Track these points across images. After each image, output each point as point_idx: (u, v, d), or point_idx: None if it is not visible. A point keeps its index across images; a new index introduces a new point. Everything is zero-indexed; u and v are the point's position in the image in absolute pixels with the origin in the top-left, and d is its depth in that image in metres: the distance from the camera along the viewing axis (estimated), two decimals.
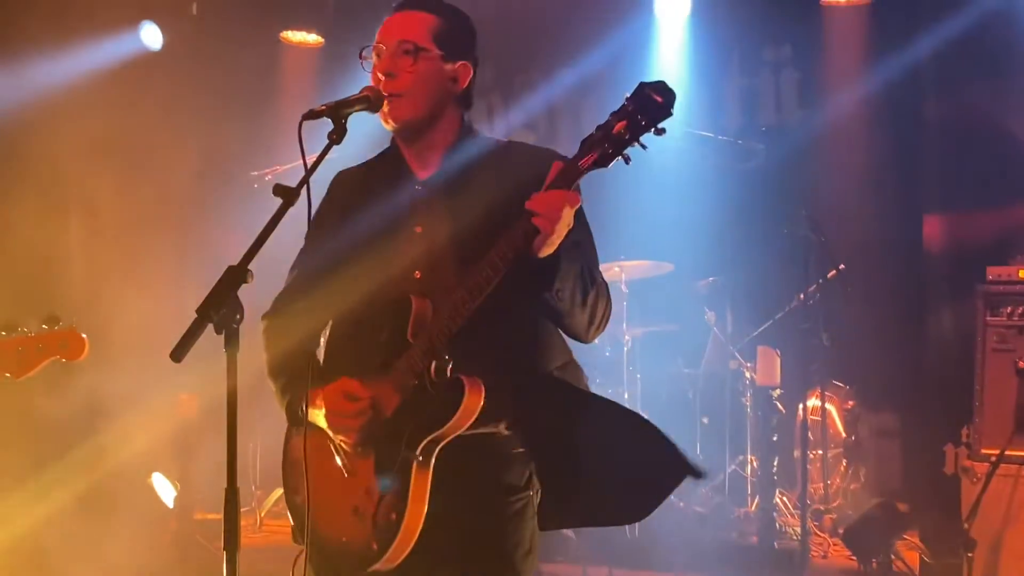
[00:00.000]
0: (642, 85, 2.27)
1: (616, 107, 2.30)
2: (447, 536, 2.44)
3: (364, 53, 2.56)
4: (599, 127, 2.31)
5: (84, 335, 3.27)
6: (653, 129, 2.26)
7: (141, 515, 5.86)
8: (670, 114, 2.25)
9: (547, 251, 2.33)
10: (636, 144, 2.28)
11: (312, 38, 7.19)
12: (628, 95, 2.29)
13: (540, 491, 2.54)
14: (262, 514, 6.10)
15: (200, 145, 6.55)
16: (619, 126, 2.26)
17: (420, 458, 2.40)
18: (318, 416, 2.48)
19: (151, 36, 6.65)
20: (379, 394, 2.45)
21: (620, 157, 2.29)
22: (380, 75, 2.50)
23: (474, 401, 2.39)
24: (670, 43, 6.80)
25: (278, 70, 6.96)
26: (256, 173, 5.91)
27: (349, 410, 2.44)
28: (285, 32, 7.11)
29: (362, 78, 2.57)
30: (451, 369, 2.40)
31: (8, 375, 3.20)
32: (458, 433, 2.41)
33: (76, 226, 6.38)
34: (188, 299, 2.19)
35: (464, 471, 2.44)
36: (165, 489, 5.96)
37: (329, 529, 2.48)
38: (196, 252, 5.77)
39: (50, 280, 5.56)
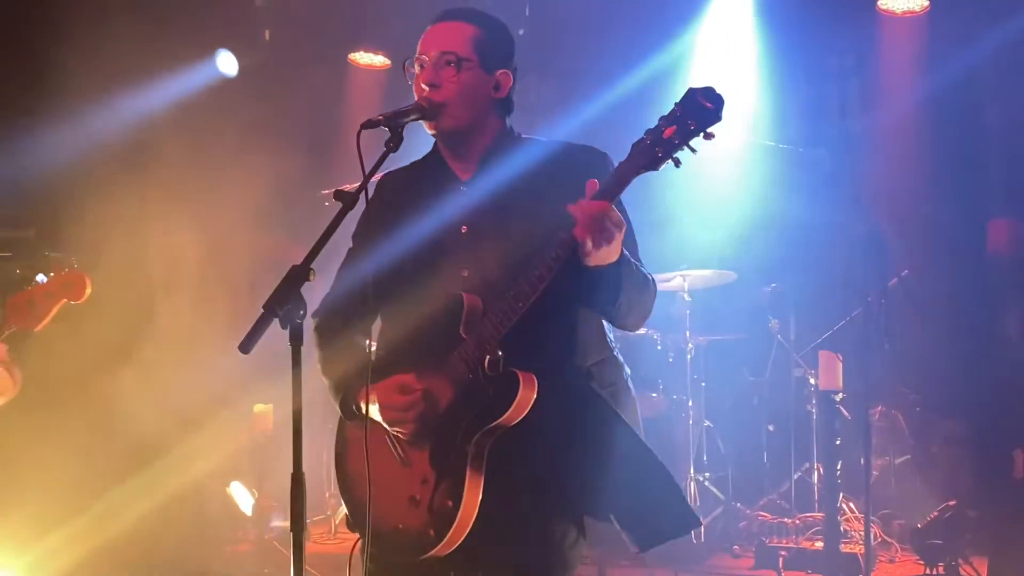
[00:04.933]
0: (691, 91, 2.32)
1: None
2: (498, 524, 2.52)
3: (407, 64, 2.64)
4: (648, 131, 2.36)
5: (85, 274, 3.29)
6: (702, 134, 2.32)
7: (221, 522, 6.07)
8: (719, 119, 2.30)
9: (597, 260, 2.39)
10: (686, 148, 2.34)
11: (379, 60, 7.41)
12: (678, 101, 2.35)
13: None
14: (336, 521, 6.24)
15: (274, 165, 6.80)
16: (669, 131, 2.31)
17: (474, 448, 2.50)
18: (373, 410, 2.58)
19: (227, 63, 6.91)
20: (433, 387, 2.54)
21: (670, 160, 2.35)
22: (424, 85, 2.58)
23: (527, 394, 2.47)
24: (734, 55, 6.85)
25: (346, 92, 7.17)
26: (325, 192, 6.11)
27: (402, 403, 2.53)
28: (353, 55, 7.33)
29: None
30: (503, 363, 2.50)
31: (26, 328, 3.26)
32: (511, 424, 2.52)
33: (158, 244, 6.66)
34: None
35: (515, 461, 2.53)
36: (244, 497, 6.14)
37: (385, 517, 2.56)
38: (270, 264, 5.99)
39: (133, 288, 5.80)
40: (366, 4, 6.81)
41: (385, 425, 2.59)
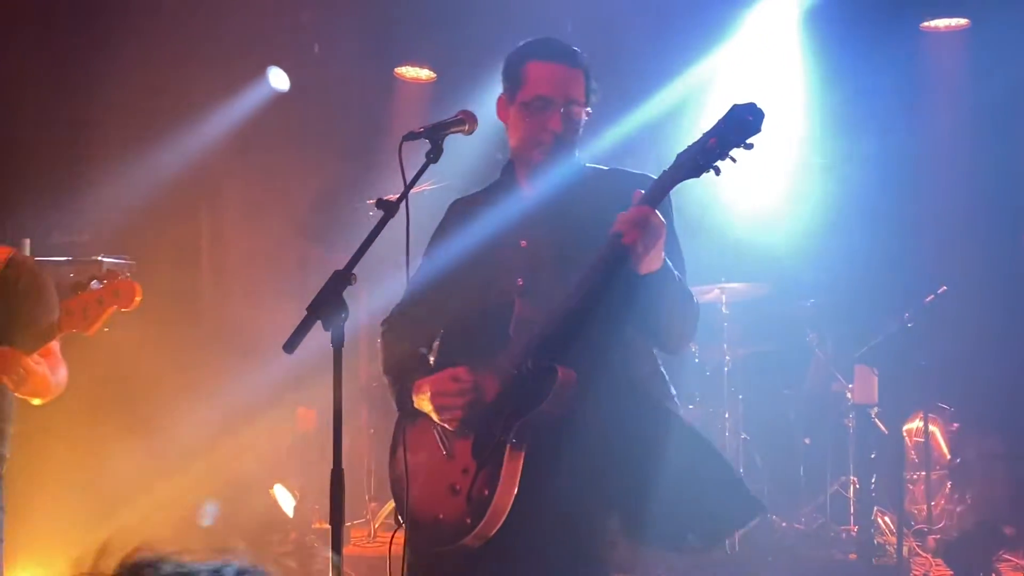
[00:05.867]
0: (735, 106, 2.52)
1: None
2: (537, 520, 2.62)
3: (527, 99, 2.80)
4: (694, 142, 2.56)
5: (136, 283, 3.38)
6: (742, 144, 2.50)
7: (263, 524, 6.19)
8: (759, 130, 2.48)
9: (645, 268, 2.56)
10: (727, 158, 2.52)
11: (424, 74, 7.55)
12: (721, 116, 2.53)
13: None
14: (376, 525, 6.35)
15: (322, 175, 6.97)
16: (711, 141, 2.51)
17: (514, 440, 2.62)
18: (424, 401, 2.74)
19: (278, 79, 7.08)
20: (481, 381, 2.70)
21: (712, 169, 2.52)
22: (561, 127, 2.79)
23: (565, 387, 2.60)
24: (778, 74, 6.92)
25: (392, 104, 7.32)
26: (370, 201, 6.25)
27: (452, 389, 2.69)
28: (399, 68, 7.48)
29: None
30: (547, 361, 2.62)
31: (79, 332, 3.34)
32: (552, 417, 2.61)
33: (208, 254, 6.86)
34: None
35: (554, 455, 2.64)
36: (286, 499, 6.27)
37: (427, 507, 2.71)
38: (315, 271, 6.15)
39: (186, 291, 5.96)
40: (412, 19, 6.95)
41: (434, 415, 2.73)
